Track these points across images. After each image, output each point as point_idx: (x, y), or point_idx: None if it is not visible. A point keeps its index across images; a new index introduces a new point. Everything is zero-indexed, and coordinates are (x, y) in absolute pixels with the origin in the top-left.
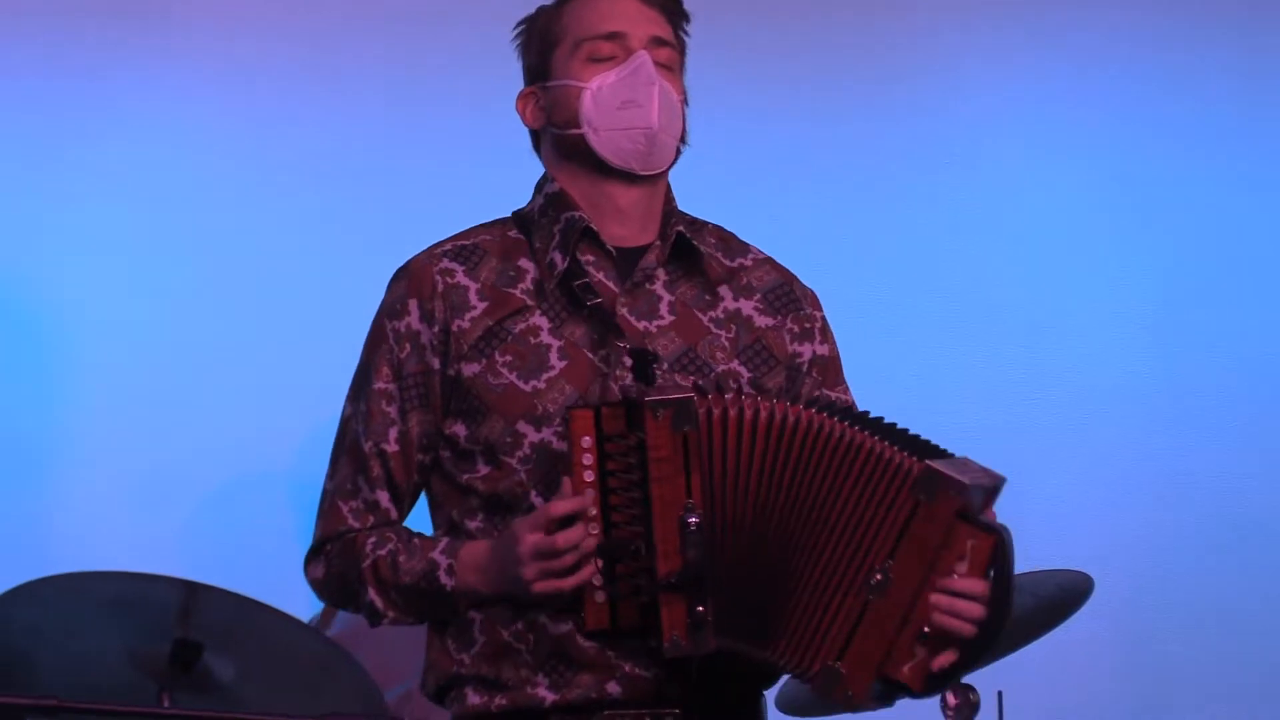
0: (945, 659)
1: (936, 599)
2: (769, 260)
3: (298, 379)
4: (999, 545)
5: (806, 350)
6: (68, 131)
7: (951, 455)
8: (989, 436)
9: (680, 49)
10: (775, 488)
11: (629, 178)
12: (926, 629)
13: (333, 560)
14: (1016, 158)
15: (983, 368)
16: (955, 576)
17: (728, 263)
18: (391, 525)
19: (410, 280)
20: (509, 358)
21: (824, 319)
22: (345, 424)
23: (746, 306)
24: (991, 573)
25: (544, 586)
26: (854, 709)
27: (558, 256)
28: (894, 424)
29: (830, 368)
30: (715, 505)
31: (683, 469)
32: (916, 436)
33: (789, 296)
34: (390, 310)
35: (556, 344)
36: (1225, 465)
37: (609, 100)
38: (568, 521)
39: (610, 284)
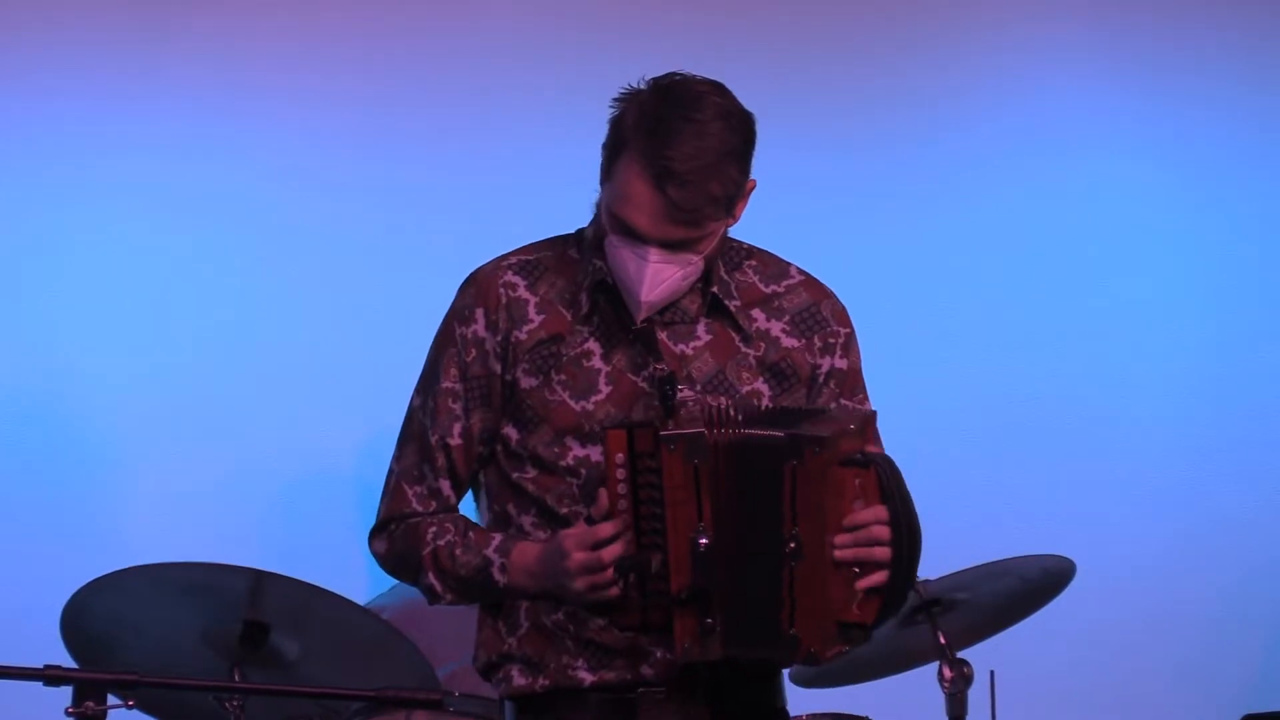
0: (873, 580)
1: (843, 537)
2: (804, 282)
3: (360, 389)
4: (881, 472)
5: (826, 363)
6: (159, 144)
7: (822, 411)
8: (1020, 433)
9: (723, 216)
10: (744, 503)
11: None
12: (854, 569)
13: (396, 539)
14: (1057, 163)
15: (1011, 368)
16: (855, 510)
17: (763, 288)
18: (450, 513)
19: (478, 290)
20: (564, 377)
21: (849, 334)
22: (413, 413)
23: (775, 327)
24: (887, 497)
25: (591, 596)
26: (819, 664)
27: (584, 298)
28: (791, 409)
29: (848, 380)
30: (723, 526)
31: (694, 495)
32: (796, 411)
33: (817, 318)
34: (459, 316)
35: (605, 369)
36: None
37: (616, 269)
38: (606, 539)
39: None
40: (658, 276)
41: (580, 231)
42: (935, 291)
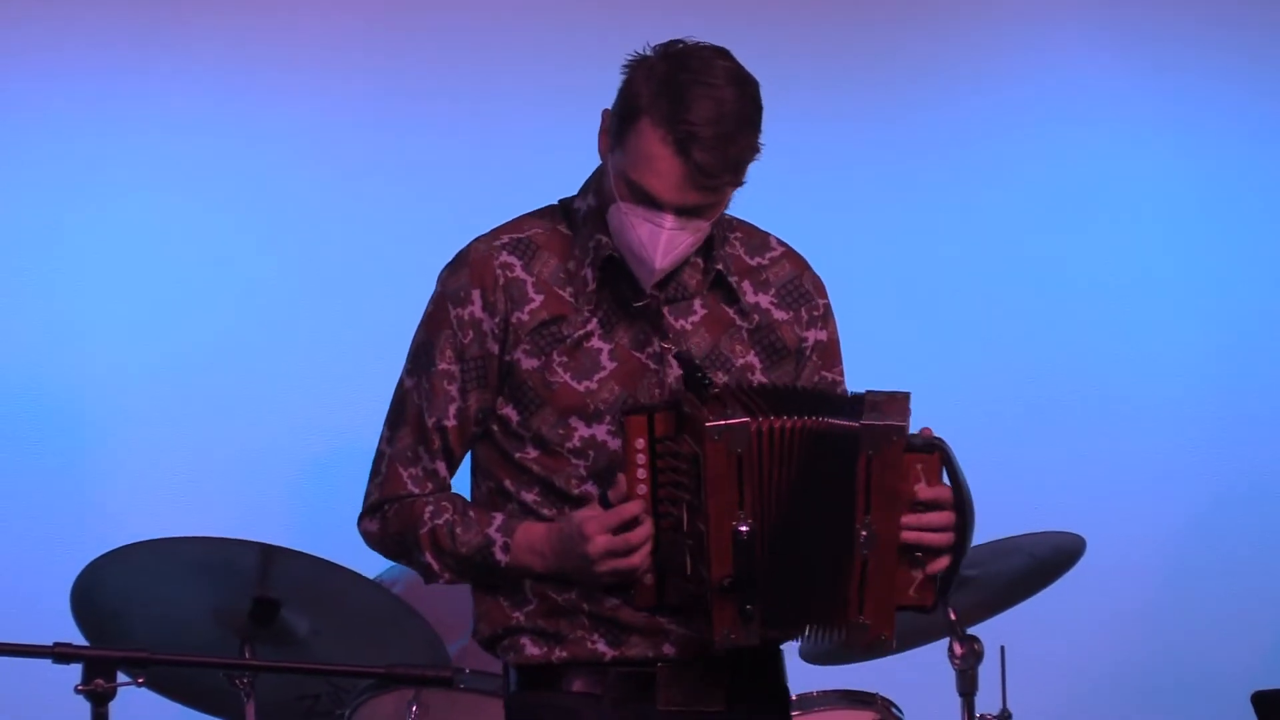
0: (938, 565)
1: (910, 519)
2: (785, 253)
3: (378, 365)
4: (943, 456)
5: (811, 335)
6: (175, 122)
7: (862, 396)
8: (1032, 412)
9: (738, 182)
10: (800, 491)
11: None
12: (918, 553)
13: (390, 520)
14: (1070, 139)
15: (1017, 349)
16: (918, 492)
17: (749, 260)
18: (445, 492)
19: (472, 271)
20: (565, 359)
21: (827, 305)
22: (406, 395)
23: (764, 300)
24: (946, 479)
25: (614, 578)
26: (886, 650)
27: (589, 274)
28: (837, 393)
29: (829, 351)
30: (762, 514)
31: (736, 484)
32: (848, 396)
33: (800, 290)
34: (454, 297)
35: (607, 347)
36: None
37: (626, 236)
38: (630, 521)
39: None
40: (672, 243)
41: (566, 204)
42: (945, 269)
